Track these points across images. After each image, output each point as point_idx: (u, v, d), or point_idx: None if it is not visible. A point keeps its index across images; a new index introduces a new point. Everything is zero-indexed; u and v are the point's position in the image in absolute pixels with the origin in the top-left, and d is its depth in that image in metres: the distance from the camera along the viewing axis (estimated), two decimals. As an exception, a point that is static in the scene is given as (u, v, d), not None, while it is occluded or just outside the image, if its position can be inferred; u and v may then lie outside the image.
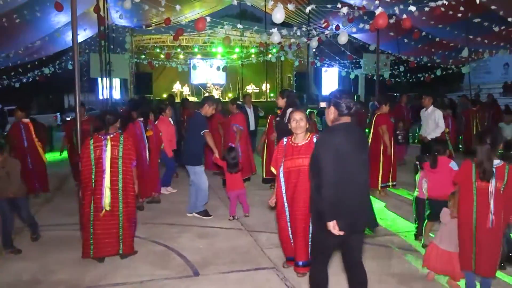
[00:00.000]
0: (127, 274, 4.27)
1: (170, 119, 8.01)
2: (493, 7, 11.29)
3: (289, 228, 4.16)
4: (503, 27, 12.64)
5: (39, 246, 5.11)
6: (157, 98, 22.16)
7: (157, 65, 23.87)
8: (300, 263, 4.11)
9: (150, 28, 19.10)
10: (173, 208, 6.75)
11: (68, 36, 7.15)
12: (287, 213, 4.14)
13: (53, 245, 5.12)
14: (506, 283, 4.10)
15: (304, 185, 3.92)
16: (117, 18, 16.00)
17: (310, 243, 4.02)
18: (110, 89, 15.11)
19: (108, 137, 4.56)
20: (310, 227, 3.97)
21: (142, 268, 4.44)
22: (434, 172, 4.78)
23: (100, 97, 16.16)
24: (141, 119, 6.70)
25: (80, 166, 4.61)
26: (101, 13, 11.73)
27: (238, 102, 8.82)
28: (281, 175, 4.12)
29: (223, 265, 4.53)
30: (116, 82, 21.37)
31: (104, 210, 4.42)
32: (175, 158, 7.85)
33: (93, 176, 4.48)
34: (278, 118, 6.38)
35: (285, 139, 4.21)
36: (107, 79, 14.13)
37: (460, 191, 3.73)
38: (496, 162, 3.55)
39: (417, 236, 5.23)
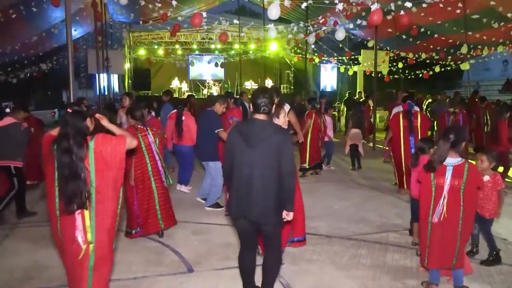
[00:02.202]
0: (121, 270, 4.25)
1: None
2: (492, 3, 11.24)
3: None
4: (502, 24, 12.60)
5: (33, 242, 5.09)
6: (155, 95, 22.10)
7: (155, 61, 23.80)
8: (295, 239, 4.70)
9: (147, 24, 18.97)
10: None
11: (65, 32, 7.11)
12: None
13: (47, 241, 5.09)
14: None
15: None
16: (115, 13, 15.91)
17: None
18: (108, 85, 15.05)
19: (147, 127, 5.19)
20: None
21: (136, 265, 4.42)
22: (415, 171, 4.77)
23: (98, 93, 16.13)
24: None
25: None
26: (98, 9, 11.68)
27: (235, 97, 8.83)
28: None
29: (217, 261, 4.52)
30: (114, 78, 21.28)
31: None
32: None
33: (148, 161, 5.08)
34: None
35: None
36: (105, 75, 14.11)
37: (421, 188, 3.84)
38: (457, 160, 3.60)
39: (411, 233, 5.22)
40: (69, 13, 5.22)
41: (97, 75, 15.04)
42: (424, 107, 14.06)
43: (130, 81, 23.11)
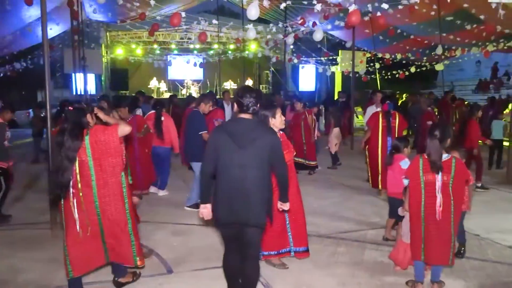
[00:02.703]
0: (99, 272, 4.19)
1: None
2: (465, 5, 11.54)
3: (287, 221, 4.30)
4: (474, 25, 12.94)
5: (8, 245, 4.98)
6: (133, 95, 21.87)
7: (133, 61, 23.54)
8: (273, 252, 4.31)
9: (125, 23, 18.77)
10: (147, 206, 6.68)
11: (40, 31, 6.90)
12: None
13: (23, 244, 5.00)
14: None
15: (292, 178, 4.13)
16: (91, 12, 15.68)
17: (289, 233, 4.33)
18: (85, 85, 14.84)
19: None
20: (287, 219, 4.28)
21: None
22: (391, 169, 4.87)
23: (74, 93, 15.87)
24: None
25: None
26: (75, 7, 11.50)
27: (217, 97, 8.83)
28: None
29: (197, 262, 4.51)
30: (91, 77, 20.97)
31: None
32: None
33: None
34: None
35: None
36: (82, 74, 13.90)
37: (409, 185, 3.87)
38: (444, 156, 3.68)
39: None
40: (44, 12, 5.12)
41: (73, 74, 14.80)
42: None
43: (107, 81, 22.81)
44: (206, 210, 3.30)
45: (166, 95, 23.34)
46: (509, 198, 7.11)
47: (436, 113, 10.05)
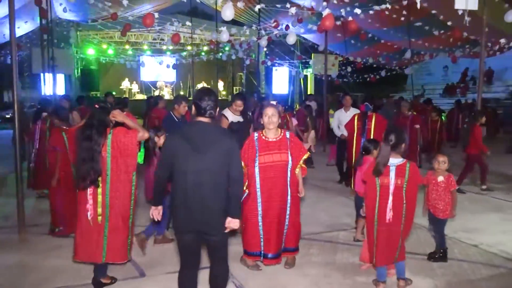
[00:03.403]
0: (69, 278, 4.13)
1: None
2: (433, 11, 11.87)
3: (260, 224, 4.21)
4: (442, 31, 13.34)
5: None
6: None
7: (104, 61, 23.14)
8: (270, 255, 4.22)
9: (96, 23, 18.44)
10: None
11: (7, 29, 6.66)
12: (260, 209, 4.19)
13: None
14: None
15: (280, 179, 4.16)
16: (61, 11, 15.32)
17: (285, 234, 4.30)
18: (54, 85, 14.47)
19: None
20: (286, 219, 4.26)
21: (84, 271, 4.27)
22: (360, 171, 4.98)
23: (43, 93, 15.44)
24: None
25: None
26: (43, 5, 11.21)
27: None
28: (257, 170, 4.15)
29: (170, 265, 4.46)
30: (61, 78, 20.48)
31: None
32: None
33: (72, 164, 4.99)
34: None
35: (256, 134, 4.29)
36: (51, 75, 13.54)
37: (366, 188, 3.97)
38: (398, 160, 3.78)
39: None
40: (12, 9, 4.99)
41: (41, 75, 14.41)
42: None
43: (78, 82, 22.33)
44: (157, 211, 3.26)
45: (139, 97, 23.07)
46: (475, 199, 7.35)
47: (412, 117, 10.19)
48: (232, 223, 3.11)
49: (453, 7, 8.10)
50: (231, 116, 5.99)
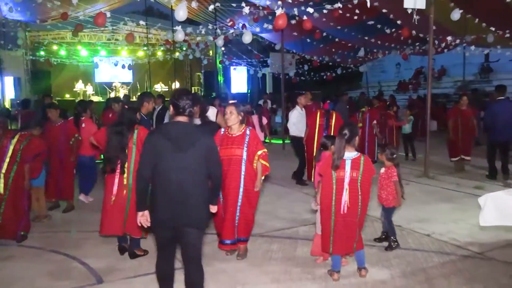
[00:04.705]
0: (23, 287, 3.97)
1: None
2: (384, 10, 12.24)
3: (222, 213, 4.52)
4: (393, 29, 13.79)
5: None
6: (57, 98, 20.74)
7: (56, 63, 22.27)
8: (226, 241, 4.59)
9: (46, 23, 17.74)
10: (75, 215, 6.40)
11: None
12: (221, 198, 4.45)
13: None
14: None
15: (233, 172, 4.44)
16: (7, 11, 14.65)
17: (236, 224, 4.56)
18: (1, 88, 13.84)
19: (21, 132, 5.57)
20: (238, 210, 4.52)
21: (39, 280, 4.14)
22: (319, 166, 5.08)
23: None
24: None
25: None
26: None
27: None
28: None
29: (129, 269, 4.39)
30: (9, 80, 19.58)
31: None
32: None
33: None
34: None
35: (222, 129, 4.61)
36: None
37: (322, 181, 4.10)
38: (353, 154, 3.93)
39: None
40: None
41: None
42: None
43: (28, 84, 21.42)
44: (144, 218, 3.23)
45: (94, 99, 22.39)
46: (427, 190, 7.66)
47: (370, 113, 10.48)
48: (212, 209, 3.45)
49: (402, 6, 8.41)
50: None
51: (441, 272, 4.26)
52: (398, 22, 12.94)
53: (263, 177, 4.62)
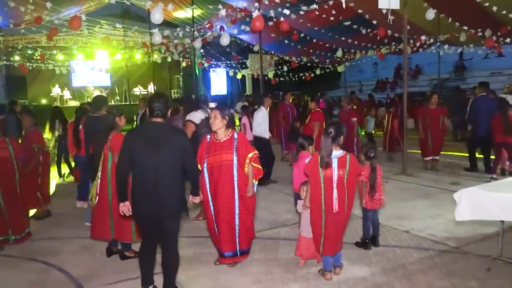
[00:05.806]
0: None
1: None
2: (359, 10, 12.41)
3: (215, 224, 4.36)
4: (369, 30, 13.98)
5: None
6: (33, 103, 20.34)
7: (31, 68, 21.82)
8: (227, 254, 4.35)
9: (19, 28, 17.33)
10: (53, 221, 6.29)
11: None
12: (212, 207, 4.33)
13: None
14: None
15: (225, 179, 4.25)
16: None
17: (237, 234, 4.34)
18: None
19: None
20: (236, 219, 4.31)
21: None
22: (296, 166, 5.13)
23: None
24: None
25: None
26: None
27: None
28: (205, 171, 4.29)
29: (110, 275, 4.34)
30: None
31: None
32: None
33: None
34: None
35: (208, 136, 4.43)
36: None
37: (310, 181, 4.09)
38: (339, 152, 3.97)
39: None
40: None
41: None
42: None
43: (2, 89, 20.93)
44: (125, 207, 3.55)
45: (71, 103, 22.03)
46: (406, 188, 7.79)
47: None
48: (194, 199, 3.82)
49: (377, 7, 8.54)
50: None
51: (420, 267, 4.35)
52: (374, 22, 13.13)
53: (256, 181, 4.42)
